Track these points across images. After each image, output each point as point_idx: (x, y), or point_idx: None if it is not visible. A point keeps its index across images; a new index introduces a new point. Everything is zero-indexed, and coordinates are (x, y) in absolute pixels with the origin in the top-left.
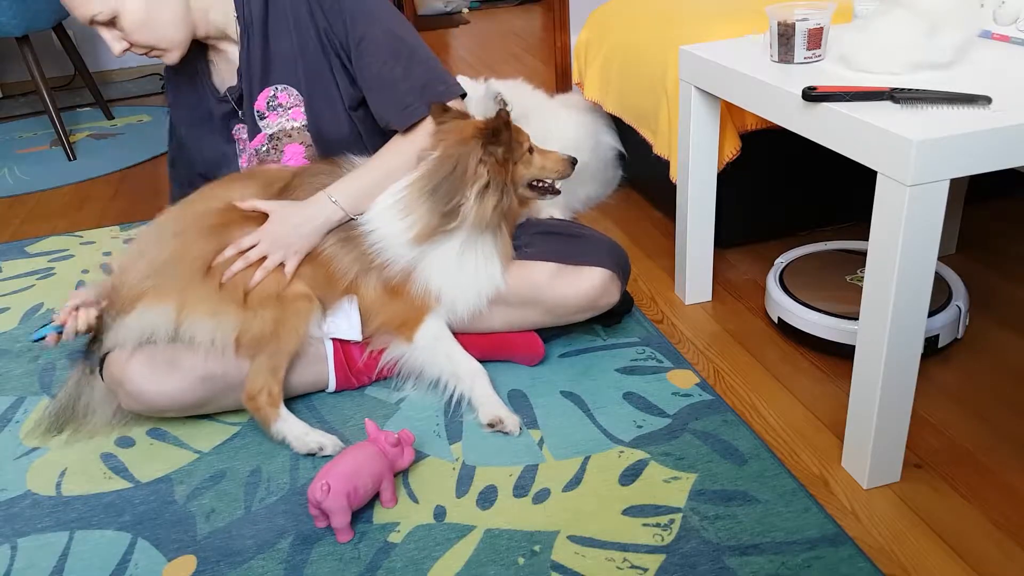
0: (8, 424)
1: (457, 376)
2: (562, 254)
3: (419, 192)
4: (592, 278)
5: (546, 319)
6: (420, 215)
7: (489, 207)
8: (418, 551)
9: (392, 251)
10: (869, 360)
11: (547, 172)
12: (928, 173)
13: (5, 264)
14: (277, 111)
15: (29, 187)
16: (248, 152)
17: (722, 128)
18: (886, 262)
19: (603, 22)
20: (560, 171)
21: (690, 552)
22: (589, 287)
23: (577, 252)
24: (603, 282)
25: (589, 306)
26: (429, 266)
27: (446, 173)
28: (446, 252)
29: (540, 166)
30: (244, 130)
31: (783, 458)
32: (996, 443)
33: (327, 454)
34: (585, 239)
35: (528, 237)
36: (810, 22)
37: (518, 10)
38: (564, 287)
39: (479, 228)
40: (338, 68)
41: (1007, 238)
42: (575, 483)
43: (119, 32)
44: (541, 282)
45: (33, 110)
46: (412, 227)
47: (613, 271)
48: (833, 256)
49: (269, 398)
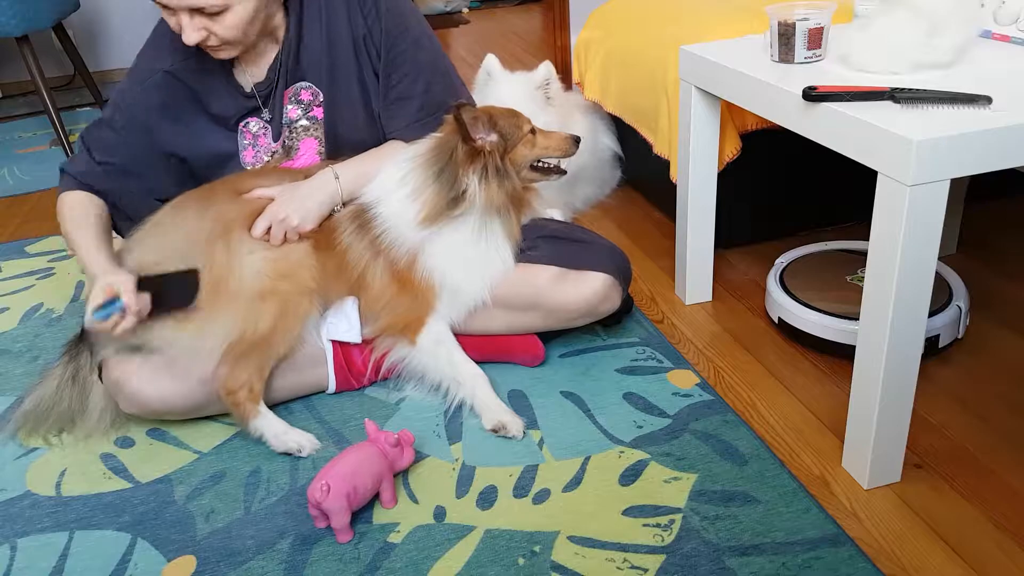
0: (8, 424)
1: (458, 382)
2: (565, 258)
3: (425, 174)
4: (593, 283)
5: (547, 323)
6: (428, 197)
7: (495, 190)
8: (418, 551)
9: (400, 232)
10: (869, 360)
11: (550, 151)
12: (928, 173)
13: (5, 264)
14: (298, 107)
15: (29, 187)
16: (262, 147)
17: (722, 128)
18: (886, 262)
19: (603, 22)
20: (563, 149)
21: (690, 552)
22: (590, 292)
23: (579, 257)
24: (604, 288)
25: (590, 311)
26: (436, 250)
27: (447, 158)
28: (455, 236)
29: (544, 146)
30: (260, 126)
31: (783, 458)
32: (996, 443)
33: (303, 455)
34: (588, 244)
35: (531, 240)
36: (810, 22)
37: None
38: (565, 291)
39: (489, 211)
40: (369, 75)
41: (1007, 238)
42: (575, 483)
43: (206, 22)
44: (543, 286)
45: (33, 110)
46: (421, 209)
47: (614, 277)
48: (833, 256)
49: (250, 394)
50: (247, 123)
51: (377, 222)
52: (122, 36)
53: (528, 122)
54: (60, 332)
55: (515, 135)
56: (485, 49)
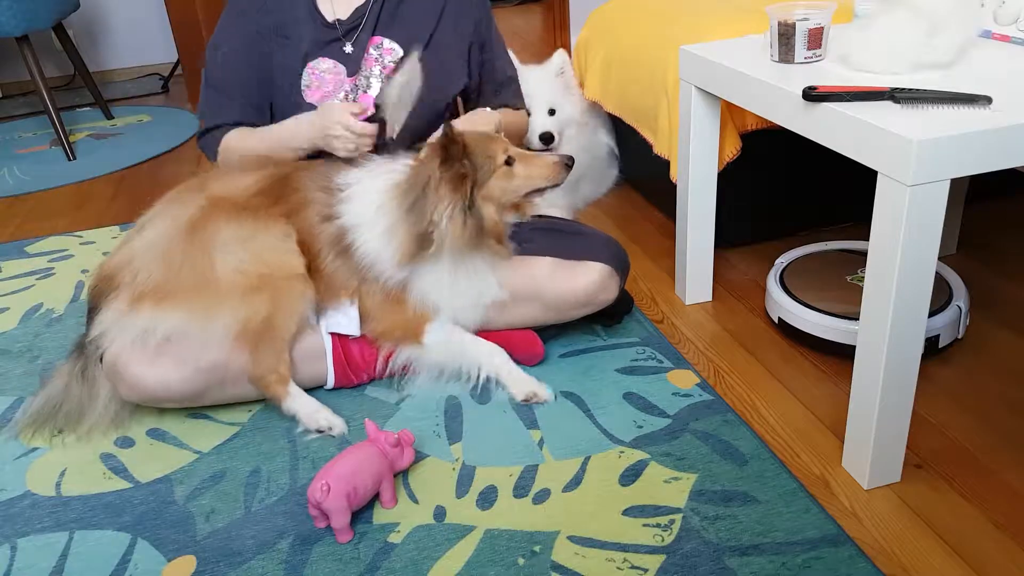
0: (8, 424)
1: (478, 362)
2: (561, 250)
3: (399, 209)
4: (591, 273)
5: (546, 315)
6: (401, 239)
7: (459, 229)
8: (418, 551)
9: (383, 269)
10: (869, 360)
11: (534, 181)
12: (928, 173)
13: (5, 264)
14: (378, 61)
15: (29, 187)
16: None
17: (722, 128)
18: (886, 262)
19: (603, 22)
20: (550, 177)
21: (690, 552)
22: (588, 282)
23: (576, 248)
24: (602, 277)
25: (588, 301)
26: (423, 283)
27: (417, 193)
28: (436, 272)
29: (525, 176)
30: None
31: (783, 458)
32: (996, 443)
33: (334, 434)
34: (584, 235)
35: (528, 233)
36: (810, 22)
37: (518, 10)
38: (563, 282)
39: (459, 251)
40: (475, 55)
41: (1007, 238)
42: (575, 483)
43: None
44: (541, 277)
45: (33, 110)
46: (397, 251)
47: (612, 266)
48: (833, 256)
49: (278, 377)
50: (317, 62)
51: (359, 254)
52: (122, 36)
53: (504, 150)
54: (60, 332)
55: (487, 167)
56: None
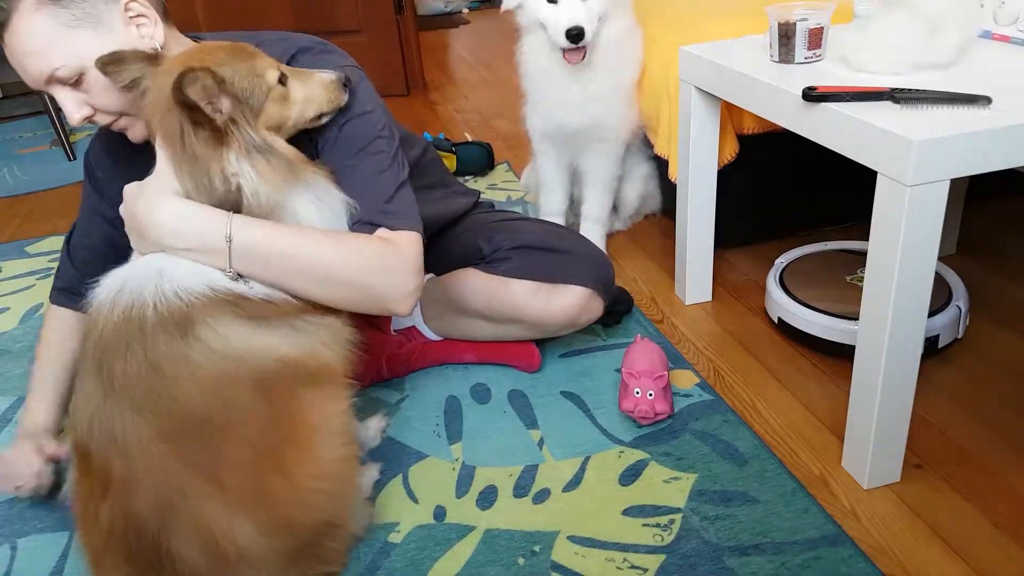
0: (8, 424)
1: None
2: (541, 271)
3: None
4: (570, 297)
5: (531, 334)
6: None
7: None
8: (418, 551)
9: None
10: (869, 360)
11: (314, 104)
12: (928, 173)
13: (5, 264)
14: None
15: (29, 187)
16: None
17: (722, 128)
18: (886, 262)
19: None
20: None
21: (690, 552)
22: (568, 305)
23: (556, 269)
24: (581, 301)
25: (568, 324)
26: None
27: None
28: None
29: (304, 99)
30: None
31: (783, 458)
32: (996, 443)
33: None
34: (564, 255)
35: (507, 251)
36: (810, 22)
37: None
38: (543, 306)
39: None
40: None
41: (1007, 238)
42: (575, 483)
43: (83, 94)
44: (519, 301)
45: (33, 110)
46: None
47: (593, 288)
48: (833, 256)
49: None
50: None
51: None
52: None
53: (272, 66)
54: None
55: (257, 89)
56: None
